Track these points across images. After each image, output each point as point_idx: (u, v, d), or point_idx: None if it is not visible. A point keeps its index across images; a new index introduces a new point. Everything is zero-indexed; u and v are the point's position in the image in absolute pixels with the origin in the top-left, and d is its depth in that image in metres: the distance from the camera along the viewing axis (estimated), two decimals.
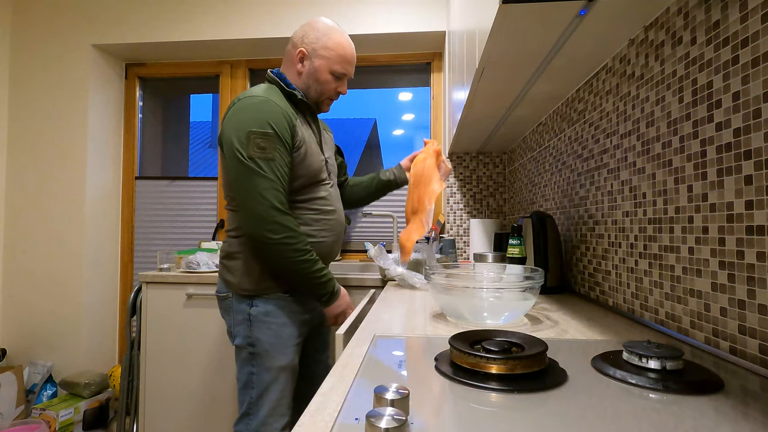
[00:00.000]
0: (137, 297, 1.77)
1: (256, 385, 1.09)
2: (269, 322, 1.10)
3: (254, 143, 1.00)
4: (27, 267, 2.18)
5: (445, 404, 0.43)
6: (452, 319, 0.83)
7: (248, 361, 1.10)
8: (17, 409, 1.95)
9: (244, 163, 1.01)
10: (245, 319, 1.10)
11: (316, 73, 1.14)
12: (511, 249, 1.15)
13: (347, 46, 1.16)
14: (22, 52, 2.22)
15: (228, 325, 1.14)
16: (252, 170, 1.00)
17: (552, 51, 0.90)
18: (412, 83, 2.35)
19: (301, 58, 1.14)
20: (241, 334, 1.10)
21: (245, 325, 1.10)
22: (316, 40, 1.13)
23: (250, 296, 1.10)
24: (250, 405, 1.09)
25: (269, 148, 1.01)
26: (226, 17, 2.12)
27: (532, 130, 1.60)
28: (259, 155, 1.01)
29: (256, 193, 1.00)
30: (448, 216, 2.11)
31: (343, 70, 1.16)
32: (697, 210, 0.66)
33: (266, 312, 1.10)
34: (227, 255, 1.13)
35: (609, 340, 0.68)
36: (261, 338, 1.09)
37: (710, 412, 0.41)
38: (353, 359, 0.59)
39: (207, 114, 2.65)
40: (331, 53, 1.13)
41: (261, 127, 1.01)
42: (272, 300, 1.11)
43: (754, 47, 0.55)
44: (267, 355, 1.09)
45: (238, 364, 1.12)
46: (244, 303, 1.10)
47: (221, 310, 1.17)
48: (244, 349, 1.10)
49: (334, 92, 1.18)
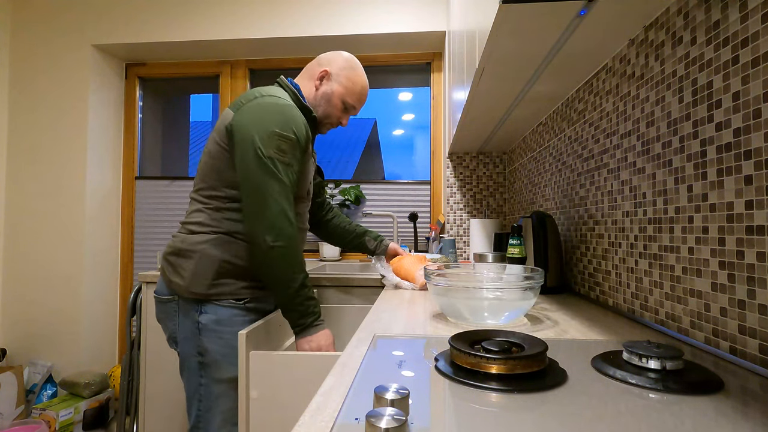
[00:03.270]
0: (137, 297, 1.77)
1: (204, 397, 1.01)
2: (220, 332, 1.01)
3: (276, 144, 0.98)
4: (27, 267, 2.19)
5: (445, 404, 0.43)
6: (452, 319, 0.83)
7: (196, 371, 1.02)
8: (17, 409, 1.95)
9: (262, 161, 0.97)
10: (194, 326, 1.01)
11: (331, 96, 1.16)
12: (511, 249, 1.15)
13: (366, 87, 1.21)
14: (22, 52, 2.22)
15: (170, 332, 1.05)
16: (269, 170, 0.97)
17: (552, 51, 0.90)
18: (412, 83, 2.35)
19: (322, 76, 1.17)
20: (189, 343, 1.02)
21: (193, 333, 1.01)
22: (341, 69, 1.17)
23: (198, 301, 1.01)
24: (198, 418, 1.02)
25: (289, 154, 1.00)
26: (226, 17, 2.12)
27: (532, 130, 1.61)
28: (278, 157, 0.98)
29: (269, 195, 0.97)
30: (448, 216, 2.11)
31: (354, 104, 1.20)
32: (697, 210, 0.66)
33: (217, 320, 1.01)
34: (176, 252, 1.03)
35: (609, 340, 0.68)
36: (210, 348, 1.01)
37: (710, 412, 0.41)
38: (353, 359, 0.59)
39: (207, 114, 2.65)
40: (350, 84, 1.17)
41: (284, 131, 1.00)
42: (223, 307, 1.02)
43: (754, 47, 0.55)
44: (217, 366, 1.01)
45: (185, 372, 1.03)
46: (192, 309, 1.01)
47: (160, 314, 1.07)
48: (191, 358, 1.02)
49: (336, 120, 1.20)
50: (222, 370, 1.02)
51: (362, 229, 1.46)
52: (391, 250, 1.43)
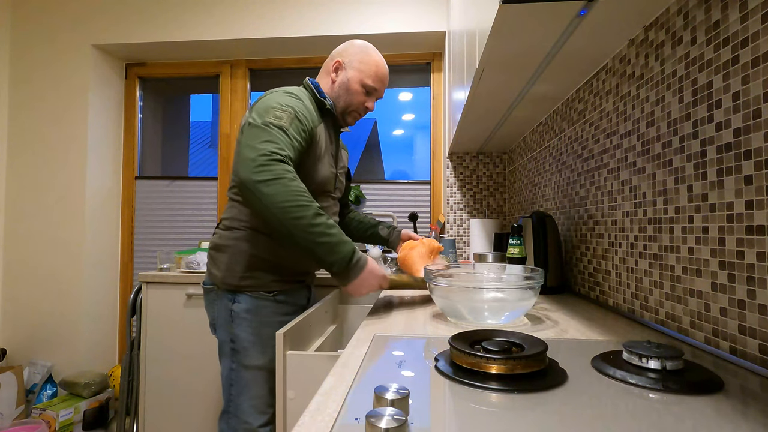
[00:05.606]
0: (137, 297, 1.77)
1: (235, 382, 1.08)
2: (250, 320, 1.08)
3: (271, 114, 0.98)
4: (27, 267, 2.19)
5: (445, 404, 0.43)
6: (452, 319, 0.83)
7: (229, 356, 1.09)
8: (17, 409, 1.95)
9: (253, 125, 0.96)
10: (227, 314, 1.09)
11: (348, 83, 1.17)
12: (511, 249, 1.15)
13: (382, 65, 1.20)
14: (22, 52, 2.22)
15: (211, 318, 1.14)
16: (259, 128, 0.95)
17: (552, 51, 0.90)
18: (412, 83, 2.35)
19: (336, 68, 1.18)
20: (223, 329, 1.10)
21: (227, 320, 1.09)
22: (354, 54, 1.18)
23: (232, 291, 1.09)
24: (230, 401, 1.08)
25: (285, 119, 0.98)
26: (226, 17, 2.12)
27: (532, 130, 1.60)
28: (273, 122, 0.97)
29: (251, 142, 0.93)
30: (448, 216, 2.11)
31: (374, 85, 1.19)
32: (697, 210, 0.66)
33: (247, 309, 1.08)
34: (215, 246, 1.12)
35: (609, 340, 0.68)
36: (240, 335, 1.08)
37: (710, 412, 0.41)
38: (353, 359, 0.59)
39: (207, 114, 2.65)
40: (365, 67, 1.17)
41: (282, 105, 1.01)
42: (254, 298, 1.09)
43: (754, 47, 0.55)
44: (246, 353, 1.08)
45: (221, 358, 1.11)
46: (226, 298, 1.09)
47: (206, 301, 1.16)
48: (225, 344, 1.10)
49: (361, 106, 1.20)
50: (250, 356, 1.07)
51: (376, 221, 1.45)
52: (404, 235, 1.39)
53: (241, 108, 2.31)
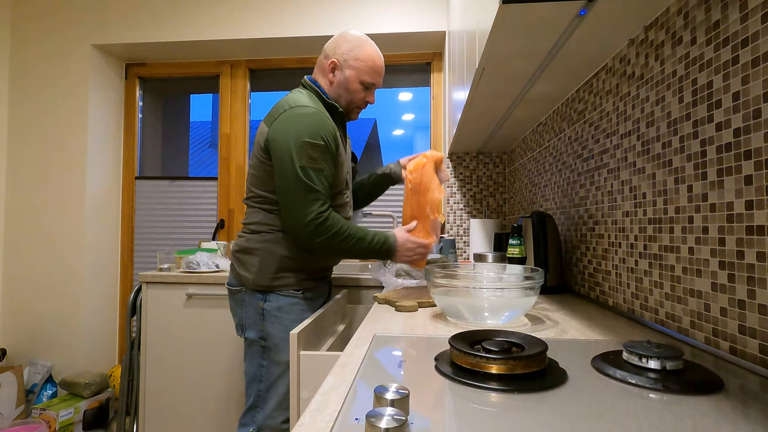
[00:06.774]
0: (137, 297, 1.77)
1: (265, 378, 1.12)
2: (281, 317, 1.12)
3: (307, 153, 1.06)
4: (27, 267, 2.18)
5: (445, 404, 0.43)
6: (452, 319, 0.83)
7: (259, 354, 1.13)
8: (17, 409, 1.95)
9: (296, 171, 1.05)
10: (258, 313, 1.13)
11: (347, 83, 1.18)
12: (511, 249, 1.15)
13: (377, 57, 1.21)
14: (22, 52, 2.22)
15: (239, 318, 1.16)
16: (301, 180, 1.05)
17: (552, 51, 0.90)
18: (412, 83, 2.35)
19: (332, 68, 1.19)
20: (254, 328, 1.13)
21: (258, 319, 1.13)
22: (347, 51, 1.18)
23: (262, 291, 1.13)
24: (257, 398, 1.12)
25: (319, 159, 1.07)
26: (226, 17, 2.12)
27: (532, 130, 1.60)
28: (310, 165, 1.06)
29: (302, 203, 1.05)
30: (448, 216, 2.11)
31: (372, 80, 1.20)
32: (697, 210, 0.66)
33: (278, 307, 1.12)
34: (243, 250, 1.15)
35: (609, 340, 0.68)
36: (272, 332, 1.12)
37: (710, 412, 0.41)
38: (353, 359, 0.59)
39: (207, 114, 2.65)
40: (361, 64, 1.18)
41: (314, 139, 1.06)
42: (284, 296, 1.13)
43: (754, 47, 0.55)
44: (277, 349, 1.11)
45: (248, 357, 1.14)
46: (257, 297, 1.13)
47: (232, 302, 1.18)
48: (255, 342, 1.13)
49: (362, 101, 1.23)
50: (281, 352, 1.12)
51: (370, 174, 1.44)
52: (403, 162, 1.39)
53: (241, 108, 2.31)
